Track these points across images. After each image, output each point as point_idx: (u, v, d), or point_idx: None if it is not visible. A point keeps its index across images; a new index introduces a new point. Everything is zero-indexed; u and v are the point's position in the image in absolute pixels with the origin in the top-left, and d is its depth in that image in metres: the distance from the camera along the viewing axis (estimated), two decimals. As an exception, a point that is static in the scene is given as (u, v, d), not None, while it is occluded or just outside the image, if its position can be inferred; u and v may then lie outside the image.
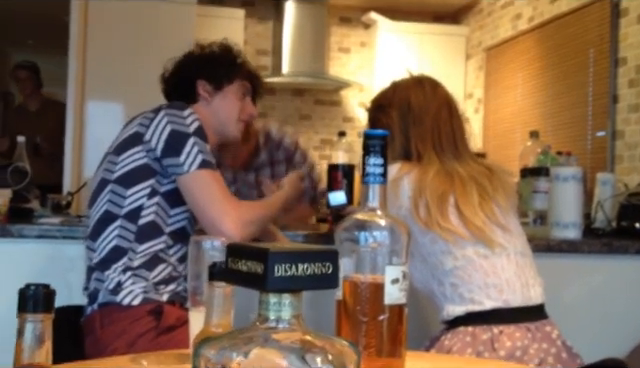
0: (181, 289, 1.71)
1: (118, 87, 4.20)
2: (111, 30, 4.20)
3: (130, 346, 1.58)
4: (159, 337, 1.60)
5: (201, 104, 1.89)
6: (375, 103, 1.82)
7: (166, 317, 1.62)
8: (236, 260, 0.55)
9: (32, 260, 2.05)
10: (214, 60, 1.92)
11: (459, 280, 1.59)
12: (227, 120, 1.91)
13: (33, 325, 0.57)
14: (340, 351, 0.53)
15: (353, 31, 6.07)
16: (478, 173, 1.67)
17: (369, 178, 0.90)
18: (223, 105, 1.90)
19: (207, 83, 1.89)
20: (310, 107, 6.00)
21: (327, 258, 0.55)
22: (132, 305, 1.64)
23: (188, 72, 1.91)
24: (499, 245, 1.61)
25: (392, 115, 1.72)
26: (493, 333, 1.54)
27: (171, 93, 1.95)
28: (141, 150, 1.71)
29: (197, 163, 1.66)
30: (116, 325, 1.63)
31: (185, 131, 1.69)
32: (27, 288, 0.56)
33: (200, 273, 1.13)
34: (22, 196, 2.31)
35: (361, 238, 0.89)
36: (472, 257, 1.59)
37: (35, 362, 0.57)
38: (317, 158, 5.99)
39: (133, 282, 1.66)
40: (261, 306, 0.54)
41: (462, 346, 1.53)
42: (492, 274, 1.59)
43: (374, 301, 0.86)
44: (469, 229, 1.59)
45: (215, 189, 1.66)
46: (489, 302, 1.57)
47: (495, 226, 1.62)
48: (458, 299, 1.59)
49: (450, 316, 1.60)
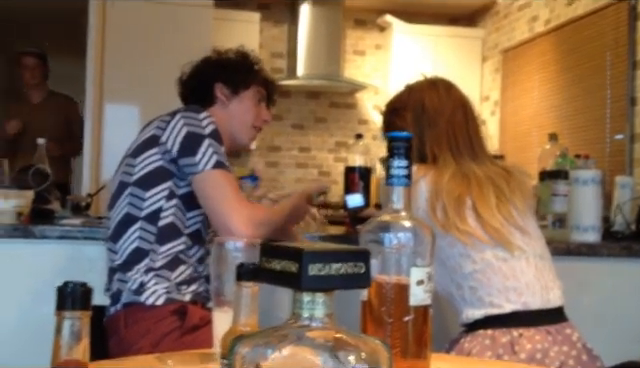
0: (202, 290, 1.73)
1: (135, 90, 4.23)
2: (128, 33, 4.24)
3: (154, 346, 1.59)
4: (183, 337, 1.61)
5: (218, 107, 1.91)
6: (389, 106, 1.82)
7: (190, 317, 1.64)
8: (270, 259, 0.56)
9: (53, 260, 2.07)
10: (232, 64, 1.94)
11: (478, 283, 1.59)
12: (242, 124, 1.93)
13: (71, 322, 0.58)
14: (373, 349, 0.53)
15: (368, 34, 6.07)
16: (495, 174, 1.67)
17: (393, 180, 0.91)
18: (239, 109, 1.92)
19: (225, 86, 1.91)
20: (325, 110, 6.01)
21: (360, 258, 0.55)
22: (156, 305, 1.65)
23: (206, 75, 1.93)
24: (518, 248, 1.61)
25: (406, 118, 1.72)
26: (513, 336, 1.54)
27: (188, 96, 1.96)
28: (157, 152, 1.73)
29: (212, 163, 1.68)
30: (140, 325, 1.64)
31: (201, 132, 1.71)
32: (65, 286, 0.57)
33: (223, 274, 1.14)
34: (43, 197, 2.33)
35: (385, 239, 0.90)
36: (491, 260, 1.59)
37: (73, 359, 0.59)
38: (332, 161, 6.01)
39: (156, 282, 1.68)
40: (295, 304, 0.55)
41: (481, 349, 1.53)
42: (511, 277, 1.58)
43: (399, 302, 0.87)
44: (487, 232, 1.59)
45: (228, 189, 1.68)
46: (508, 305, 1.57)
47: (513, 228, 1.62)
48: (477, 302, 1.59)
49: (469, 319, 1.60)
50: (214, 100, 1.91)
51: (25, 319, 2.05)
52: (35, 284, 2.06)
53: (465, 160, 1.66)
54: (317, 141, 5.99)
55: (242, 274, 0.85)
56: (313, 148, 5.98)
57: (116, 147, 4.11)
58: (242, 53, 1.98)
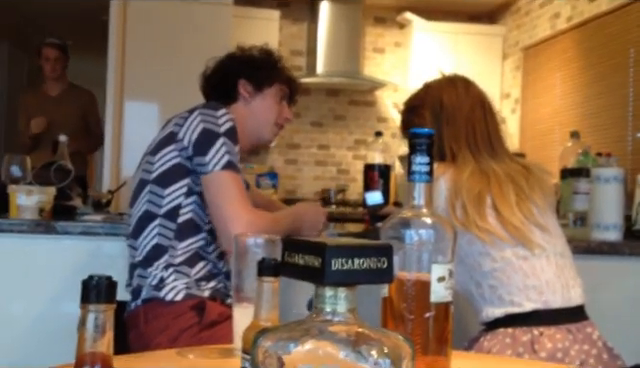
0: (221, 286, 1.73)
1: (155, 87, 4.26)
2: (149, 31, 4.26)
3: (173, 341, 1.61)
4: (201, 332, 1.62)
5: (240, 104, 1.91)
6: (408, 105, 1.81)
7: (208, 313, 1.64)
8: (293, 254, 0.56)
9: (74, 256, 2.09)
10: (256, 61, 1.94)
11: (498, 282, 1.58)
12: (264, 122, 1.93)
13: (95, 315, 0.59)
14: (395, 344, 0.53)
15: (388, 31, 6.06)
16: (514, 172, 1.66)
17: (415, 176, 0.90)
18: (262, 106, 1.92)
19: (248, 83, 1.91)
20: (344, 107, 6.00)
21: (382, 253, 0.55)
22: (175, 301, 1.67)
23: (230, 71, 1.93)
24: (538, 246, 1.59)
25: (425, 116, 1.71)
26: (533, 335, 1.53)
27: (210, 92, 1.96)
28: (174, 149, 1.74)
29: (222, 164, 1.67)
30: (160, 320, 1.66)
31: (216, 131, 1.71)
32: (90, 279, 0.58)
33: (243, 270, 1.15)
34: (65, 194, 2.36)
35: (406, 236, 0.90)
36: (511, 259, 1.58)
37: (97, 351, 0.59)
38: (351, 158, 6.00)
39: (175, 278, 1.69)
40: (317, 299, 0.55)
41: (502, 348, 1.53)
42: (532, 276, 1.57)
43: (420, 299, 0.87)
44: (507, 230, 1.58)
45: (233, 191, 1.67)
46: (529, 304, 1.56)
47: (533, 226, 1.61)
48: (497, 301, 1.58)
49: (489, 318, 1.59)
50: (237, 97, 1.91)
51: (46, 314, 2.08)
52: (56, 279, 2.08)
53: (484, 157, 1.65)
54: (336, 139, 5.99)
55: (263, 269, 0.85)
56: (332, 146, 5.98)
57: (136, 144, 4.15)
58: (266, 50, 1.97)
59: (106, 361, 0.60)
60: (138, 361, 1.08)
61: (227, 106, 1.85)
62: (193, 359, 1.11)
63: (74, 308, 1.30)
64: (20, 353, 2.04)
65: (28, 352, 2.03)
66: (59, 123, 4.17)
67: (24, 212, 2.09)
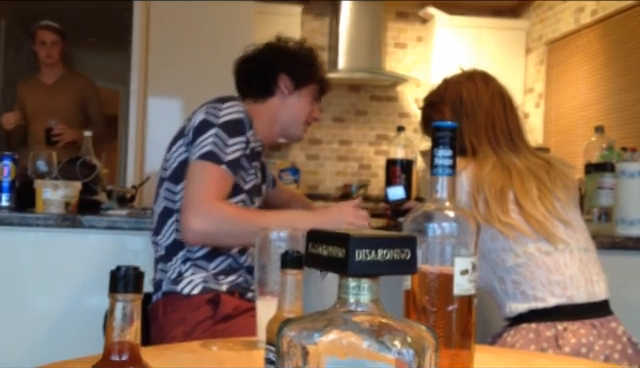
0: (242, 280, 1.74)
1: (178, 83, 4.28)
2: (172, 27, 4.29)
3: (188, 334, 1.63)
4: (215, 326, 1.64)
5: (277, 98, 1.89)
6: (427, 101, 1.81)
7: (223, 306, 1.66)
8: (317, 245, 0.57)
9: (99, 250, 2.12)
10: (299, 58, 1.92)
11: (521, 277, 1.57)
12: (297, 120, 1.92)
13: (123, 304, 0.60)
14: (419, 334, 0.54)
15: (410, 26, 6.03)
16: (536, 166, 1.65)
17: (438, 170, 0.91)
18: (297, 104, 1.90)
19: (289, 79, 1.88)
20: (366, 103, 6.00)
21: (406, 244, 0.56)
22: (192, 294, 1.68)
23: (272, 64, 1.89)
24: (561, 241, 1.58)
25: (444, 111, 1.71)
26: (557, 330, 1.52)
27: (246, 80, 1.92)
28: (182, 144, 1.75)
29: (201, 153, 1.66)
30: (177, 313, 1.68)
31: (212, 121, 1.70)
32: (118, 269, 0.59)
33: (266, 264, 1.16)
34: (90, 188, 2.38)
35: (429, 229, 0.90)
36: (534, 254, 1.57)
37: (125, 340, 0.60)
38: (372, 154, 6.00)
39: (193, 272, 1.71)
40: (341, 290, 0.56)
41: (525, 343, 1.52)
42: (555, 271, 1.57)
43: (443, 292, 0.87)
44: (530, 224, 1.57)
45: (201, 181, 1.64)
46: (553, 299, 1.55)
47: (556, 221, 1.60)
48: (520, 296, 1.57)
49: (512, 313, 1.59)
50: (274, 90, 1.89)
51: (72, 307, 2.11)
52: (82, 273, 2.11)
53: (504, 152, 1.65)
54: (358, 134, 5.98)
55: (287, 262, 0.86)
56: (354, 141, 5.98)
57: (159, 140, 4.17)
58: (307, 47, 1.95)
59: (134, 350, 0.61)
60: (163, 353, 1.09)
61: (262, 99, 1.85)
62: (217, 351, 1.12)
63: (99, 301, 1.33)
64: (46, 346, 2.07)
65: (53, 345, 2.07)
66: (55, 113, 3.92)
67: (50, 206, 2.12)
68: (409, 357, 0.52)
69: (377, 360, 0.52)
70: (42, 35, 3.99)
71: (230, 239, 1.68)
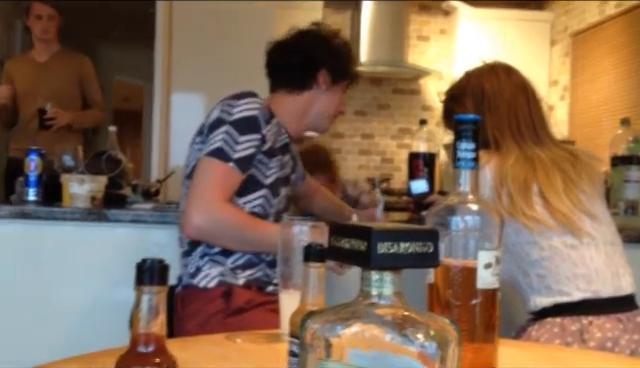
0: (261, 274, 1.74)
1: (201, 78, 4.31)
2: (195, 23, 4.32)
3: (202, 326, 1.65)
4: (228, 318, 1.65)
5: (312, 92, 1.87)
6: (449, 94, 1.79)
7: (235, 299, 1.67)
8: (339, 238, 0.57)
9: (125, 243, 2.15)
10: (341, 54, 1.89)
11: (546, 271, 1.56)
12: (327, 114, 1.91)
13: (149, 297, 0.61)
14: (442, 327, 0.54)
15: (433, 18, 6.00)
16: (560, 158, 1.63)
17: (461, 163, 0.90)
18: (330, 99, 1.89)
19: (328, 75, 1.86)
20: (388, 96, 5.97)
21: (428, 237, 0.56)
22: (208, 287, 1.71)
23: (314, 58, 1.86)
24: (587, 234, 1.57)
25: (466, 104, 1.69)
26: (582, 324, 1.51)
27: (282, 72, 1.88)
28: (199, 141, 1.76)
29: (210, 150, 1.67)
30: (193, 306, 1.71)
31: (224, 119, 1.70)
32: (144, 262, 0.60)
33: (289, 257, 1.17)
34: (115, 183, 2.41)
35: (452, 223, 0.90)
36: (559, 248, 1.56)
37: (151, 332, 0.61)
38: (395, 147, 5.98)
39: (210, 266, 1.73)
40: (363, 283, 0.56)
41: (550, 337, 1.51)
42: (581, 265, 1.55)
43: (466, 285, 0.87)
44: (556, 218, 1.56)
45: (208, 178, 1.65)
46: (578, 293, 1.54)
47: (582, 214, 1.58)
48: (545, 290, 1.56)
49: (537, 307, 1.58)
50: (312, 84, 1.86)
51: (99, 300, 2.13)
52: (108, 266, 2.14)
53: (528, 145, 1.63)
54: (380, 128, 5.97)
55: (310, 255, 0.86)
56: (376, 135, 5.97)
57: (183, 134, 4.19)
58: (346, 41, 1.92)
59: (160, 342, 0.62)
60: (188, 345, 1.11)
61: (297, 91, 1.84)
62: (241, 343, 1.13)
63: (125, 294, 1.34)
64: (72, 339, 2.10)
65: (80, 338, 2.10)
66: (49, 93, 3.63)
67: (77, 201, 2.15)
68: (432, 350, 0.52)
69: (400, 353, 0.53)
70: (38, 8, 3.68)
71: (227, 241, 1.70)
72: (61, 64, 3.78)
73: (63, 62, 3.79)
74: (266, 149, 1.74)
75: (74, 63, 3.82)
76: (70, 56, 3.85)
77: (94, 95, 3.86)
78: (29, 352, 2.02)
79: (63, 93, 3.72)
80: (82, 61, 3.87)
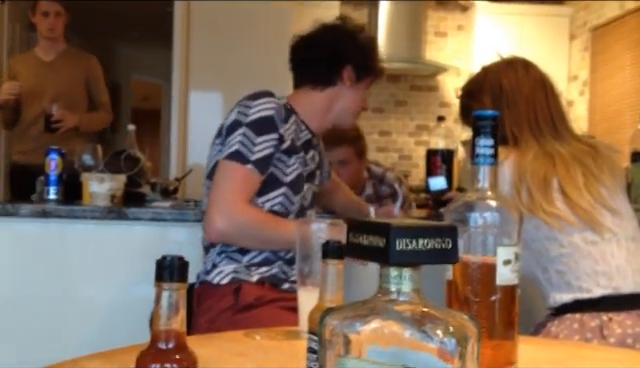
0: (277, 271, 1.75)
1: (220, 77, 4.32)
2: (212, 22, 4.33)
3: (212, 322, 1.67)
4: (236, 315, 1.66)
5: (336, 88, 1.84)
6: (466, 90, 1.77)
7: (244, 296, 1.68)
8: (357, 235, 0.57)
9: (144, 241, 2.16)
10: (365, 50, 1.86)
11: (566, 267, 1.55)
12: (351, 111, 1.89)
13: (169, 293, 0.61)
14: (461, 324, 0.54)
15: (450, 14, 5.97)
16: (581, 152, 1.61)
17: (479, 159, 0.90)
18: (355, 96, 1.87)
19: (354, 71, 1.84)
20: (406, 93, 5.96)
21: (447, 234, 0.56)
22: (220, 284, 1.72)
23: (339, 54, 1.83)
24: (608, 230, 1.55)
25: (484, 101, 1.67)
26: (602, 320, 1.49)
27: (306, 67, 1.86)
28: (218, 143, 1.77)
29: (228, 152, 1.68)
30: (207, 302, 1.73)
31: (241, 120, 1.70)
32: (164, 259, 0.61)
33: (308, 254, 1.17)
34: (134, 181, 2.43)
35: (471, 219, 0.89)
36: (579, 244, 1.54)
37: (171, 328, 0.62)
38: (412, 144, 5.96)
39: (226, 263, 1.74)
40: (382, 279, 0.56)
41: (569, 333, 1.50)
42: (601, 261, 1.54)
43: (485, 282, 0.87)
44: (576, 213, 1.54)
45: (227, 181, 1.66)
46: (598, 290, 1.52)
47: (603, 209, 1.56)
48: (565, 287, 1.55)
49: (557, 303, 1.56)
50: (336, 81, 1.84)
51: (118, 297, 2.15)
52: (127, 264, 2.15)
53: (547, 140, 1.61)
54: (398, 125, 5.95)
55: (328, 252, 0.86)
56: (394, 132, 5.95)
57: (201, 133, 4.21)
58: (371, 37, 1.90)
59: (180, 338, 0.62)
60: (207, 342, 1.11)
61: (321, 87, 1.83)
62: (260, 340, 1.14)
63: (144, 291, 1.35)
64: (93, 335, 2.12)
65: (101, 335, 2.12)
66: (54, 93, 3.52)
67: (96, 199, 2.17)
68: (451, 346, 0.52)
69: (419, 349, 0.53)
70: (44, 5, 3.54)
71: (249, 242, 1.72)
72: (68, 63, 3.65)
73: (70, 61, 3.66)
74: (285, 148, 1.74)
75: (81, 63, 3.70)
76: (77, 55, 3.73)
77: (101, 96, 3.74)
78: (50, 350, 2.04)
79: (70, 94, 3.60)
80: (89, 61, 3.75)
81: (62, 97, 3.53)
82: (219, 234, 1.67)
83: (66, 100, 3.52)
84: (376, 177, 2.73)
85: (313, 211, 1.90)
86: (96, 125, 3.76)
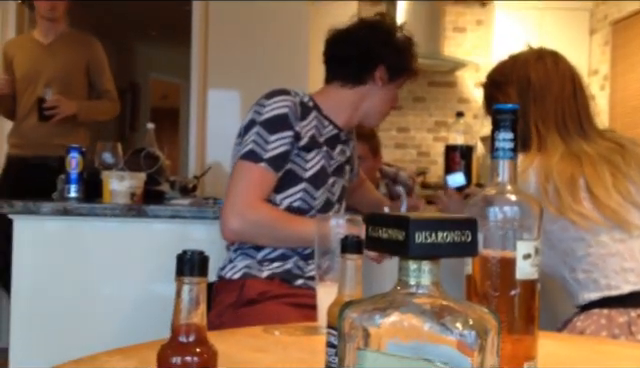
0: (291, 267, 1.75)
1: (238, 75, 4.34)
2: (230, 20, 4.34)
3: (219, 316, 1.69)
4: (240, 309, 1.68)
5: (367, 87, 1.83)
6: (491, 78, 1.72)
7: (247, 290, 1.70)
8: (377, 228, 0.57)
9: (164, 238, 2.18)
10: (402, 50, 1.84)
11: (593, 266, 1.52)
12: (381, 110, 1.88)
13: (189, 287, 0.62)
14: (481, 317, 0.53)
15: (469, 9, 5.93)
16: (608, 150, 1.57)
17: (499, 153, 0.89)
18: (385, 96, 1.86)
19: (386, 71, 1.82)
20: (424, 89, 5.93)
21: (466, 226, 0.56)
22: (232, 279, 1.74)
23: (373, 53, 1.81)
24: (636, 227, 1.52)
25: (509, 93, 1.63)
26: (630, 317, 1.47)
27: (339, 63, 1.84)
28: (238, 143, 1.78)
29: (243, 152, 1.69)
30: (220, 296, 1.75)
31: (255, 119, 1.71)
32: (184, 253, 0.61)
33: (326, 250, 1.17)
34: (154, 179, 2.45)
35: (490, 213, 0.89)
36: (607, 242, 1.51)
37: (192, 322, 0.62)
38: (431, 140, 5.93)
39: (241, 259, 1.76)
40: (401, 272, 0.56)
41: (596, 329, 1.48)
42: (629, 258, 1.51)
43: (505, 276, 0.86)
44: (604, 213, 1.51)
45: (242, 180, 1.68)
46: (627, 286, 1.50)
47: (632, 206, 1.53)
48: (592, 285, 1.53)
49: (585, 301, 1.54)
50: (367, 80, 1.82)
51: (138, 294, 2.17)
52: (147, 261, 2.17)
53: (574, 139, 1.57)
54: (416, 121, 5.93)
55: (347, 246, 0.86)
56: (412, 128, 5.93)
57: (220, 130, 4.22)
58: (408, 37, 1.86)
59: (200, 332, 0.63)
60: (227, 337, 1.12)
61: (352, 84, 1.81)
62: (279, 336, 1.14)
63: (164, 288, 1.36)
64: (113, 331, 2.14)
65: (121, 332, 2.14)
66: (50, 77, 3.24)
67: (117, 197, 2.19)
68: (471, 339, 0.52)
69: (439, 342, 0.52)
70: None
71: (265, 240, 1.73)
72: (67, 46, 3.33)
73: (70, 44, 3.34)
74: (303, 144, 1.74)
75: (82, 45, 3.37)
76: (78, 38, 3.39)
77: (105, 83, 3.40)
78: (71, 347, 2.06)
79: (67, 78, 3.28)
80: (91, 43, 3.40)
81: (57, 81, 3.23)
82: (234, 233, 1.69)
83: (61, 85, 3.23)
84: (389, 176, 2.73)
85: (342, 205, 1.89)
86: (99, 114, 3.44)
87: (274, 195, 1.74)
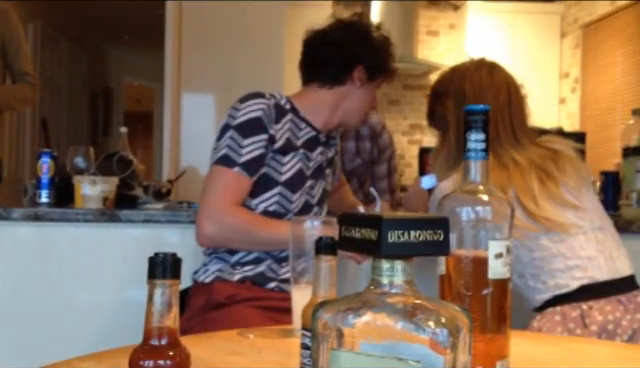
0: (264, 269, 1.74)
1: (212, 79, 4.32)
2: (204, 23, 4.32)
3: (189, 320, 1.69)
4: (207, 313, 1.68)
5: (345, 87, 1.81)
6: (432, 90, 1.74)
7: (215, 294, 1.69)
8: (350, 228, 0.57)
9: (138, 243, 2.16)
10: (380, 50, 1.83)
11: (539, 270, 1.56)
12: (360, 110, 1.86)
13: (162, 290, 0.61)
14: (453, 315, 0.54)
15: (442, 13, 5.98)
16: (541, 158, 1.59)
17: (470, 154, 0.90)
18: (364, 97, 1.84)
19: (365, 71, 1.80)
20: (398, 92, 5.97)
21: (439, 225, 0.56)
22: (204, 283, 1.74)
23: (351, 53, 1.79)
24: (573, 226, 1.56)
25: (447, 104, 1.65)
26: (582, 309, 1.51)
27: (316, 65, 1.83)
28: (214, 148, 1.76)
29: (218, 157, 1.69)
30: (192, 300, 1.75)
31: (230, 123, 1.71)
32: (156, 255, 0.60)
33: (301, 252, 1.17)
34: (127, 183, 2.42)
35: (463, 213, 0.89)
36: (548, 245, 1.55)
37: (164, 325, 0.62)
38: (406, 143, 5.97)
39: (214, 263, 1.76)
40: (374, 272, 0.56)
41: (552, 326, 1.51)
42: (572, 256, 1.55)
43: (478, 276, 0.87)
44: (537, 221, 1.54)
45: (216, 186, 1.67)
46: (575, 282, 1.54)
47: (564, 209, 1.56)
48: (542, 287, 1.56)
49: (539, 303, 1.58)
50: (346, 80, 1.80)
51: (111, 300, 2.15)
52: (120, 266, 2.15)
53: (505, 149, 1.58)
54: (390, 124, 5.93)
55: (320, 248, 0.86)
56: (387, 131, 5.96)
57: (194, 134, 4.19)
58: (385, 37, 1.84)
59: (172, 335, 0.62)
60: (201, 341, 1.11)
61: (329, 86, 1.80)
62: (253, 339, 1.14)
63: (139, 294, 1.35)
64: (86, 338, 2.11)
65: (94, 337, 2.11)
66: None
67: (89, 202, 2.16)
68: (443, 337, 0.52)
69: (411, 341, 0.53)
70: None
71: (240, 245, 1.72)
72: None
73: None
74: (278, 147, 1.73)
75: None
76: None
77: (22, 63, 2.77)
78: (43, 352, 2.03)
79: None
80: (6, 15, 2.71)
81: None
82: (209, 239, 1.69)
83: None
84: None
85: (323, 208, 1.88)
86: (14, 100, 2.87)
87: (249, 200, 1.73)
